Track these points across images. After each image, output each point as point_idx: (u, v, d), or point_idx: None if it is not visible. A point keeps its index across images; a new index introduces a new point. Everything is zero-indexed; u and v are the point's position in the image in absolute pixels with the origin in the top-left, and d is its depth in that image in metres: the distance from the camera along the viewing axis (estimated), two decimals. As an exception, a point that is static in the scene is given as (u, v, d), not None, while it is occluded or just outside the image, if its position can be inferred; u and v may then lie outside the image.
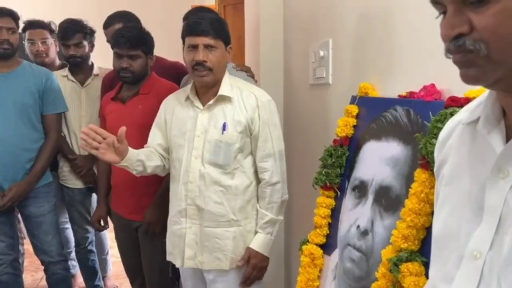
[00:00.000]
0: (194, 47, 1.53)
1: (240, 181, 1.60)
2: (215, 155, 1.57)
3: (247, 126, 1.58)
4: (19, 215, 2.34)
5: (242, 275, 1.62)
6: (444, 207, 0.65)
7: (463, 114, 0.66)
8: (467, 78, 0.54)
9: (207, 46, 1.53)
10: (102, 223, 2.15)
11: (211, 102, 1.59)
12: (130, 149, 1.58)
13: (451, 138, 0.67)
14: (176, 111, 1.67)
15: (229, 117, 1.57)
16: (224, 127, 1.56)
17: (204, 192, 1.58)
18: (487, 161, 0.57)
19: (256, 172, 1.63)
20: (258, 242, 1.61)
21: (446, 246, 0.63)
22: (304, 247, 1.44)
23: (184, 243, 1.63)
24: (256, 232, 1.62)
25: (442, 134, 0.70)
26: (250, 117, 1.57)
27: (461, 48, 0.52)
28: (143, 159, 1.62)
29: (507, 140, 0.56)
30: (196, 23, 1.54)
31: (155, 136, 1.71)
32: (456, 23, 0.52)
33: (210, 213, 1.59)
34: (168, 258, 1.70)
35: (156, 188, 1.89)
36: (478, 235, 0.57)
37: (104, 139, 1.47)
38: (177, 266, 1.69)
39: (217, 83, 1.59)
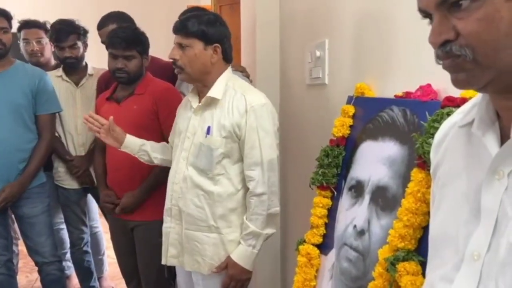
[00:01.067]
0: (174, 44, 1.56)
1: (223, 188, 1.54)
2: (197, 159, 1.55)
3: (233, 131, 1.51)
4: (13, 216, 2.32)
5: (221, 284, 1.58)
6: (440, 208, 0.65)
7: (457, 116, 0.66)
8: (458, 83, 0.55)
9: (180, 45, 1.52)
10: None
11: (200, 103, 1.58)
12: (130, 137, 1.70)
13: (447, 140, 0.67)
14: (181, 111, 1.69)
15: (215, 121, 1.52)
16: (208, 131, 1.53)
17: (186, 194, 1.57)
18: (482, 162, 0.57)
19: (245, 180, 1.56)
20: (238, 253, 1.54)
21: (443, 246, 0.63)
22: (300, 247, 1.44)
23: (168, 242, 1.64)
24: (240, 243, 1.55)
25: (437, 136, 0.70)
26: (237, 122, 1.50)
27: (449, 53, 0.53)
28: (147, 150, 1.72)
29: (502, 142, 0.56)
30: (175, 22, 1.56)
31: (171, 134, 1.76)
32: (442, 30, 0.53)
33: (190, 216, 1.57)
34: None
35: (159, 187, 1.88)
36: (476, 237, 0.57)
37: (102, 125, 1.68)
38: (162, 263, 1.69)
39: (209, 84, 1.56)
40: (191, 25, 1.51)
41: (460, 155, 0.63)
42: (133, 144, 1.71)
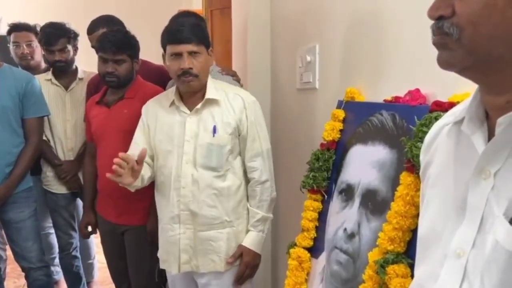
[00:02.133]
0: (178, 55, 1.53)
1: (231, 182, 1.61)
2: (208, 159, 1.58)
3: (236, 128, 1.60)
4: None
5: (236, 274, 1.63)
6: (429, 208, 0.66)
7: (448, 118, 0.67)
8: (440, 61, 0.57)
9: (191, 53, 1.54)
10: (90, 229, 2.13)
11: (198, 106, 1.59)
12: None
13: (436, 141, 0.68)
14: (160, 117, 1.65)
15: (218, 120, 1.59)
16: (214, 130, 1.58)
17: (198, 196, 1.58)
18: (470, 161, 0.58)
19: (245, 172, 1.65)
20: (251, 240, 1.63)
21: (431, 246, 0.64)
22: (291, 250, 1.44)
23: (179, 249, 1.62)
24: (247, 231, 1.64)
25: (428, 137, 0.71)
26: (239, 118, 1.60)
27: (439, 29, 0.55)
28: (142, 174, 1.60)
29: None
30: (178, 31, 1.54)
31: (139, 144, 1.65)
32: (440, 6, 0.55)
33: (204, 217, 1.59)
34: (162, 266, 1.69)
35: (148, 192, 1.87)
36: (460, 234, 0.58)
37: (127, 163, 1.43)
38: (173, 273, 1.66)
39: (202, 87, 1.60)
40: (199, 32, 1.57)
41: (449, 154, 0.64)
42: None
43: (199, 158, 1.58)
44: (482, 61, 0.54)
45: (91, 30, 2.17)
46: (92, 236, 2.77)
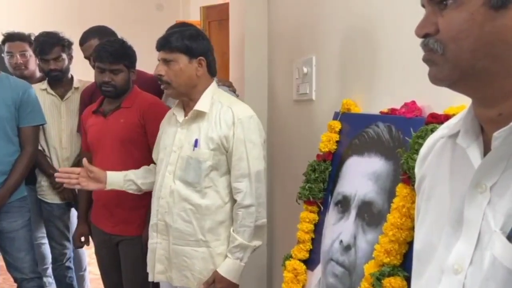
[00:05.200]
0: (158, 61, 1.57)
1: (211, 201, 1.55)
2: (185, 172, 1.55)
3: (221, 144, 1.52)
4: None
5: None
6: (424, 221, 0.66)
7: (443, 131, 0.67)
8: (430, 77, 0.59)
9: (165, 60, 1.54)
10: (83, 239, 2.12)
11: (187, 117, 1.58)
12: (111, 173, 1.65)
13: (432, 154, 0.68)
14: (165, 126, 1.68)
15: (202, 133, 1.54)
16: (196, 144, 1.54)
17: (173, 209, 1.56)
18: (466, 175, 0.58)
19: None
20: (226, 267, 1.54)
21: (427, 260, 0.63)
22: (287, 262, 1.43)
23: (155, 258, 1.62)
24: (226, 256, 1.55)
25: (422, 150, 0.71)
26: (224, 134, 1.52)
27: (426, 47, 0.57)
28: (133, 179, 1.67)
29: (485, 155, 0.57)
30: (158, 39, 1.58)
31: (155, 152, 1.72)
32: (425, 24, 0.57)
33: (177, 230, 1.56)
34: (148, 270, 1.68)
35: (143, 202, 1.85)
36: (458, 249, 0.57)
37: (78, 174, 1.63)
38: (149, 280, 1.67)
39: (195, 98, 1.58)
40: (174, 40, 1.54)
41: (444, 168, 0.64)
42: (116, 178, 1.66)
43: (178, 170, 1.56)
44: (468, 74, 0.55)
45: (82, 40, 2.18)
46: (84, 247, 2.76)
